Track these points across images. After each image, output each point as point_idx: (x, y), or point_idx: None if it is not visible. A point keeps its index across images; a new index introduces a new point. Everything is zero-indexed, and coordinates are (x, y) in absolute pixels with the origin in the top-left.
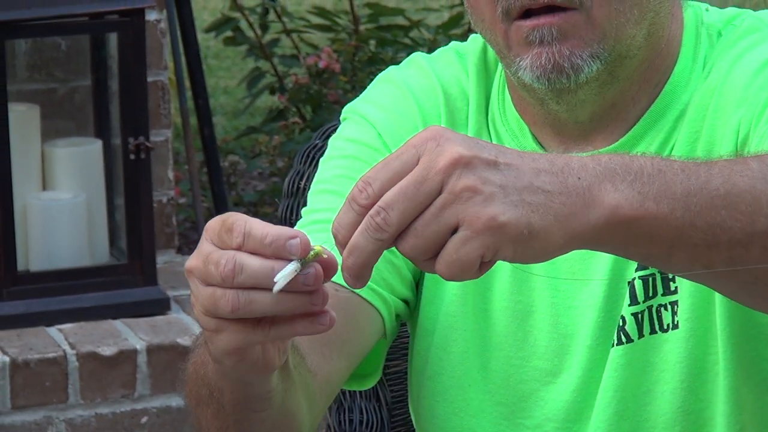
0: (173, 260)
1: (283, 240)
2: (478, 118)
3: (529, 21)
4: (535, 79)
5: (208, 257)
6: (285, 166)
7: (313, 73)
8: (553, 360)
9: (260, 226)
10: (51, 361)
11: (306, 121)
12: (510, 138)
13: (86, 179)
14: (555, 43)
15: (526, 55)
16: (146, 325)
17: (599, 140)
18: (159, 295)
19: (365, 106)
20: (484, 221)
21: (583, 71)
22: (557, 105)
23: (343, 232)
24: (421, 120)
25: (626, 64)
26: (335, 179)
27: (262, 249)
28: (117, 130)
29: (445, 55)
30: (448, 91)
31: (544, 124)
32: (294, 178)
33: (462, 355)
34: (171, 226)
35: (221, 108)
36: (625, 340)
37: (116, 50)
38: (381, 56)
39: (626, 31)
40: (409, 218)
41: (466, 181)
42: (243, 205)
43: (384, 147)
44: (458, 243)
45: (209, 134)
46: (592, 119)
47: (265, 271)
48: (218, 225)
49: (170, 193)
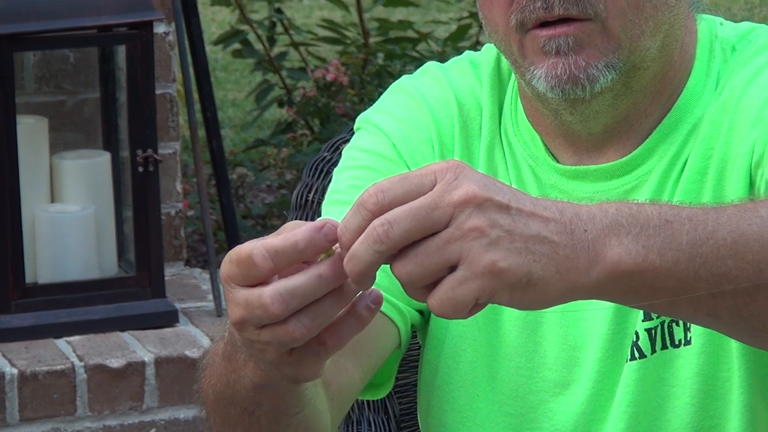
0: (181, 272)
1: (314, 235)
2: (492, 128)
3: (546, 30)
4: (549, 89)
5: (248, 304)
6: (293, 178)
7: (321, 85)
8: (563, 371)
9: (280, 240)
10: (59, 373)
11: (314, 134)
12: (522, 148)
13: (94, 191)
14: (571, 54)
15: (542, 65)
16: (154, 338)
17: (612, 152)
18: (167, 307)
19: (379, 115)
20: (484, 264)
21: (599, 81)
22: (571, 116)
23: (348, 236)
24: (435, 130)
25: (640, 76)
26: (349, 190)
27: (300, 257)
28: (125, 142)
29: (459, 64)
30: (462, 100)
31: (557, 135)
32: (302, 190)
33: (471, 365)
34: (179, 239)
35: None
36: (638, 355)
37: (125, 63)
38: (389, 69)
39: (641, 42)
40: (411, 239)
41: (475, 221)
42: (251, 218)
43: (399, 157)
44: (455, 282)
45: (217, 147)
46: (606, 131)
47: (313, 284)
48: (234, 267)
49: (178, 206)
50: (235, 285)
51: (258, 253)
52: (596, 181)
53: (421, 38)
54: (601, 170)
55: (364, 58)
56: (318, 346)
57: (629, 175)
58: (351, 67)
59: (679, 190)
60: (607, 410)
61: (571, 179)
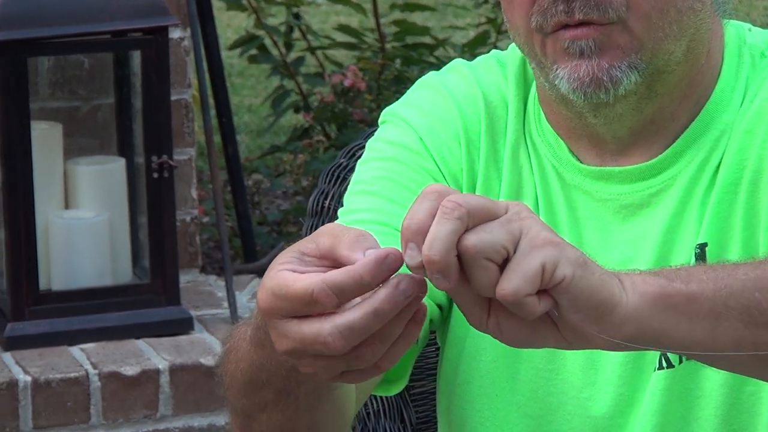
0: (196, 279)
1: (379, 265)
2: (517, 128)
3: (569, 31)
4: (572, 91)
5: (303, 339)
6: (309, 185)
7: (338, 91)
8: (581, 374)
9: (341, 273)
10: (73, 380)
11: (331, 140)
12: (546, 149)
13: (109, 198)
14: (594, 57)
15: (564, 65)
16: (169, 345)
17: (637, 155)
18: (182, 314)
19: (406, 109)
20: (543, 237)
21: (622, 83)
22: (595, 118)
23: (419, 216)
24: (462, 126)
25: (665, 80)
26: (375, 180)
27: (363, 290)
28: (140, 148)
29: (486, 62)
30: (488, 98)
31: (580, 137)
32: (318, 197)
33: (491, 364)
34: (194, 246)
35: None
36: (666, 365)
37: (139, 68)
38: (406, 75)
39: (664, 45)
40: (480, 213)
41: (528, 213)
42: (267, 225)
43: (425, 150)
44: (520, 255)
45: (233, 153)
46: (631, 134)
47: (371, 320)
48: (284, 303)
49: (194, 212)
50: (280, 319)
51: (321, 291)
52: (621, 182)
53: (438, 44)
54: (626, 172)
55: (381, 64)
56: (372, 369)
57: (655, 178)
58: (368, 72)
59: (713, 201)
60: (628, 417)
61: (595, 180)
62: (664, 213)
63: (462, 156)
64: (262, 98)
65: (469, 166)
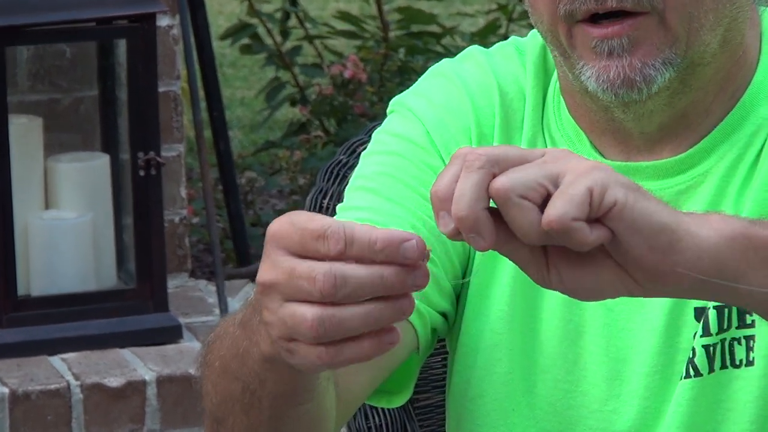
0: (185, 284)
1: (396, 243)
2: (534, 122)
3: (597, 29)
4: (601, 91)
5: (294, 271)
6: (307, 183)
7: (337, 83)
8: (604, 386)
9: (364, 230)
10: (53, 392)
11: (329, 135)
12: (566, 144)
13: (92, 197)
14: (626, 55)
15: (592, 64)
16: (156, 355)
17: (666, 151)
18: (170, 322)
19: (414, 99)
20: (589, 164)
21: (656, 82)
22: (623, 114)
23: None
24: (474, 119)
25: (699, 73)
26: (375, 176)
27: (370, 256)
28: (125, 144)
29: (504, 49)
30: (504, 89)
31: (604, 132)
32: (316, 196)
33: (506, 376)
34: (183, 248)
35: (238, 121)
36: (693, 373)
37: (125, 58)
38: (411, 65)
39: (700, 37)
40: (509, 160)
41: (569, 153)
42: (261, 226)
43: (431, 146)
44: (564, 186)
45: (225, 149)
46: (661, 129)
47: (373, 280)
48: (295, 231)
49: (183, 213)
50: (282, 249)
51: (335, 231)
52: (648, 179)
53: (445, 32)
54: (654, 167)
55: (384, 54)
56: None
57: (684, 174)
58: (370, 63)
59: (749, 200)
60: (655, 430)
61: None
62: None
63: None
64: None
65: None
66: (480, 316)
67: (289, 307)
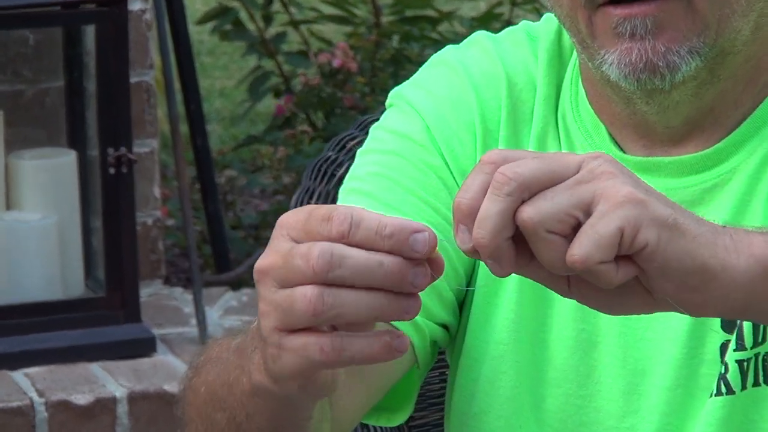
0: (159, 293)
1: (407, 233)
2: (545, 113)
3: (620, 9)
4: (623, 77)
5: (291, 251)
6: (292, 182)
7: (325, 73)
8: (621, 401)
9: (373, 215)
10: (15, 411)
11: (317, 130)
12: (583, 137)
13: (58, 197)
14: (649, 38)
15: (614, 49)
16: (127, 370)
17: (691, 146)
18: (143, 333)
19: (414, 92)
20: (624, 194)
21: (680, 70)
22: (647, 105)
23: (470, 195)
24: (478, 112)
25: (729, 62)
26: (370, 178)
27: (376, 242)
28: (94, 139)
29: (513, 36)
30: (513, 79)
31: (625, 125)
32: (302, 196)
33: (512, 390)
34: (157, 253)
35: (217, 114)
36: (725, 390)
37: (94, 45)
38: (406, 53)
39: (731, 23)
40: (538, 182)
41: (609, 167)
42: (242, 229)
43: (432, 143)
44: (594, 219)
45: (202, 144)
46: (686, 123)
47: (371, 265)
48: (303, 216)
49: (156, 214)
50: (287, 234)
51: (341, 212)
52: (671, 176)
53: (442, 17)
54: (677, 163)
55: (376, 41)
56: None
57: (710, 171)
58: (361, 51)
59: None
60: None
61: (640, 172)
62: (721, 212)
63: (476, 149)
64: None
65: None
66: (485, 326)
67: (284, 291)
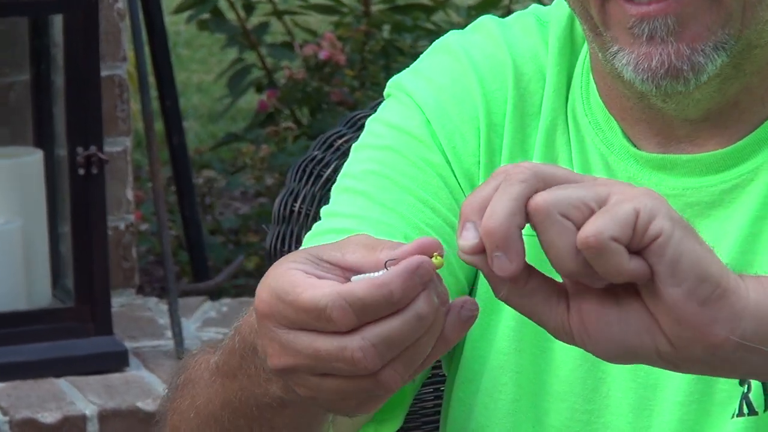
0: (133, 303)
1: (412, 280)
2: (555, 105)
3: (636, 7)
4: (640, 82)
5: (317, 354)
6: (275, 183)
7: (311, 66)
8: (631, 417)
9: (367, 291)
10: None
11: (302, 127)
12: (594, 132)
13: (23, 200)
14: (671, 40)
15: (630, 50)
16: (98, 385)
17: (711, 143)
18: (114, 347)
19: (414, 81)
20: (639, 189)
21: (706, 70)
22: (663, 103)
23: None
24: (483, 104)
25: (755, 56)
26: (365, 176)
27: (389, 310)
28: (62, 137)
29: (522, 20)
30: (521, 69)
31: (638, 121)
32: (286, 199)
33: (513, 404)
34: (130, 260)
35: (194, 110)
36: (747, 411)
37: (62, 37)
38: (397, 45)
39: (757, 13)
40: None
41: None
42: (221, 233)
43: (431, 138)
44: (610, 205)
45: (179, 143)
46: (707, 118)
47: (413, 328)
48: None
49: (129, 218)
50: (282, 327)
51: (337, 307)
52: (688, 174)
53: (436, 6)
54: (695, 161)
55: (365, 31)
56: None
57: (731, 170)
58: (349, 42)
59: None
60: None
61: (654, 170)
62: (742, 215)
63: (480, 144)
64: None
65: (488, 158)
66: (486, 335)
67: (331, 380)
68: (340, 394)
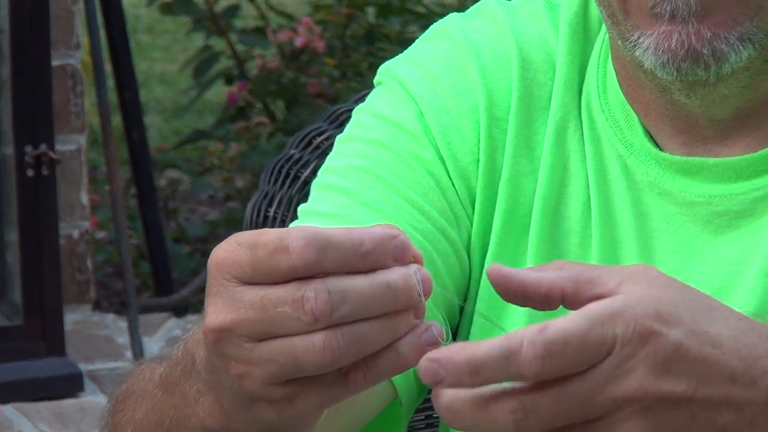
0: (88, 320)
1: (387, 244)
2: (566, 99)
3: None
4: (660, 66)
5: (264, 300)
6: (247, 186)
7: (286, 53)
8: None
9: (340, 233)
10: None
11: (276, 122)
12: (611, 129)
13: None
14: (692, 20)
15: (650, 31)
16: (49, 412)
17: (740, 145)
18: (68, 369)
19: (408, 68)
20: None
21: (729, 60)
22: (687, 98)
23: None
24: (483, 98)
25: None
26: (349, 172)
27: (355, 263)
28: (8, 135)
29: (529, 3)
30: (527, 57)
31: (662, 117)
32: (260, 203)
33: None
34: (85, 272)
35: (156, 103)
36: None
37: (7, 23)
38: (383, 30)
39: None
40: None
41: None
42: (186, 242)
43: (424, 132)
44: None
45: (139, 140)
46: (736, 117)
47: (378, 291)
48: (244, 252)
49: (84, 225)
50: (234, 280)
51: (295, 238)
52: (716, 180)
53: None
54: (724, 165)
55: (347, 14)
56: (332, 381)
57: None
58: (329, 27)
59: None
60: None
61: (678, 175)
62: None
63: (480, 141)
64: (180, 64)
65: (489, 155)
66: None
67: (270, 344)
68: (284, 359)
